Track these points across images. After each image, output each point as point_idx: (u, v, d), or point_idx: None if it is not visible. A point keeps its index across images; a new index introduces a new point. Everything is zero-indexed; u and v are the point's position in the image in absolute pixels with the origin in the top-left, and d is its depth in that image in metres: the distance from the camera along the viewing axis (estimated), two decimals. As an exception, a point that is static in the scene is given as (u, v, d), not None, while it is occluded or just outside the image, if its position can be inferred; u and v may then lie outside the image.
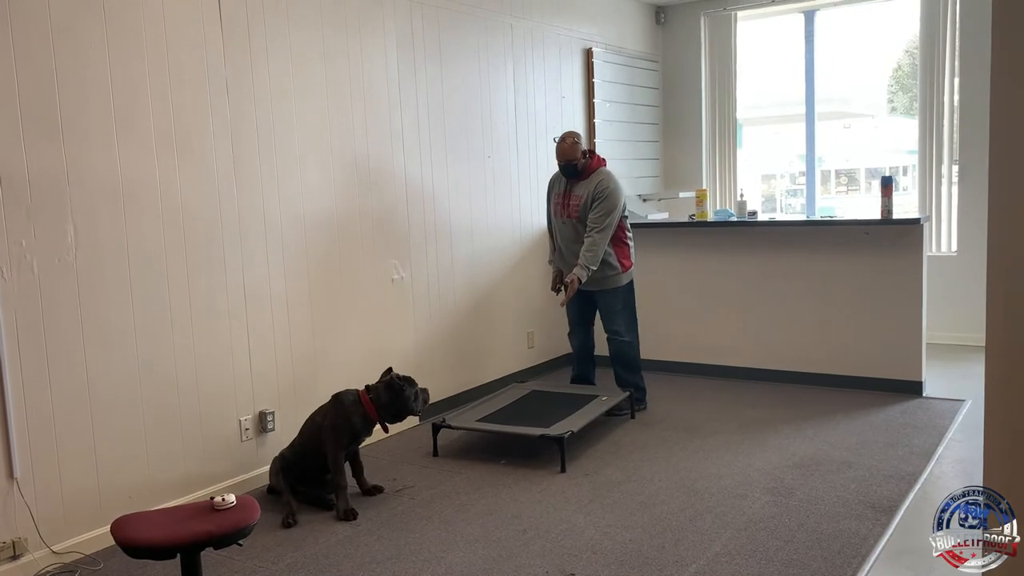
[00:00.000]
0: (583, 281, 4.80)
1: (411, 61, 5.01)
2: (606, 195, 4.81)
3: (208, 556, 2.81)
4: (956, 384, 5.43)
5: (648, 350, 5.75)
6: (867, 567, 3.10)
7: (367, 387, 3.96)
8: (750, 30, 7.81)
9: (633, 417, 5.04)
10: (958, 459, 4.19)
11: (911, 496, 3.73)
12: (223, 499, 2.68)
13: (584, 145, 4.95)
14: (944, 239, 6.74)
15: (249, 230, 4.10)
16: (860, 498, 3.72)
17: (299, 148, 4.33)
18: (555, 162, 5.01)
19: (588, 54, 6.65)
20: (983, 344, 2.18)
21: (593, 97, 6.67)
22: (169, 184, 3.74)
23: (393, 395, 3.91)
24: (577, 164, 4.87)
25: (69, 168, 3.36)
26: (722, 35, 7.67)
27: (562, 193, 4.99)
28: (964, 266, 6.40)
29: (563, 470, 4.19)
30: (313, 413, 3.99)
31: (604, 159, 5.05)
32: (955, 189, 6.65)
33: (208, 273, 3.92)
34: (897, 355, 5.33)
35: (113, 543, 2.62)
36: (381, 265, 4.85)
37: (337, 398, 3.92)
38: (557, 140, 4.93)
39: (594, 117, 6.68)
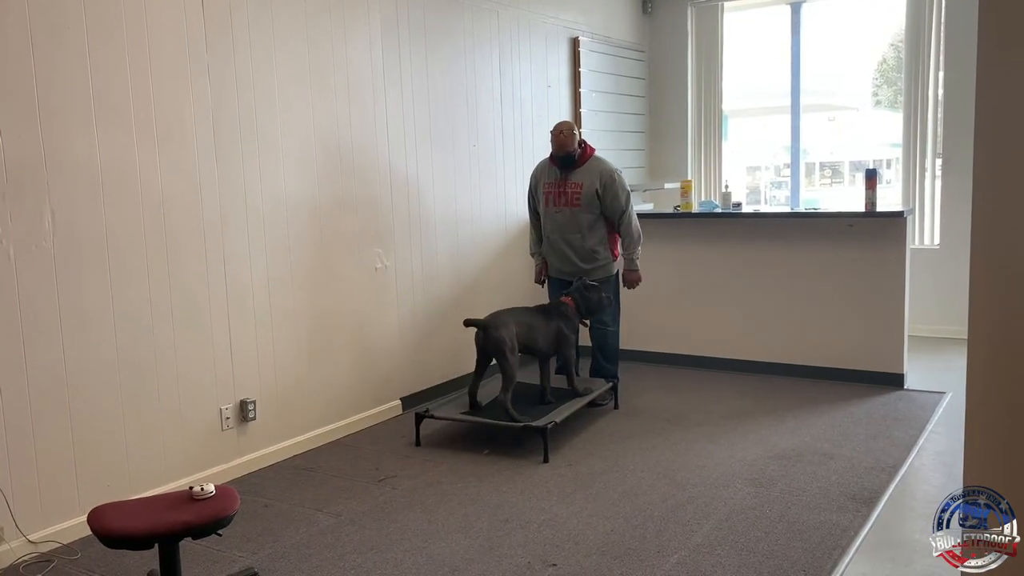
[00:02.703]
0: (638, 269, 5.02)
1: (396, 47, 4.97)
2: (614, 180, 4.91)
3: (187, 546, 2.79)
4: (937, 377, 5.47)
5: (631, 340, 5.77)
6: (847, 558, 3.12)
7: (566, 294, 4.83)
8: (736, 21, 7.81)
9: (616, 407, 5.04)
10: (938, 451, 4.22)
11: (892, 488, 3.75)
12: (202, 489, 2.66)
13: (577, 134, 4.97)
14: (927, 232, 6.78)
15: (231, 217, 4.05)
16: (841, 489, 3.73)
17: (282, 135, 4.29)
18: (539, 151, 5.00)
19: (575, 43, 6.62)
20: (965, 337, 2.18)
21: (579, 87, 6.65)
22: (149, 170, 3.69)
23: (586, 297, 4.81)
24: (574, 155, 4.89)
25: (47, 153, 3.31)
26: (709, 26, 7.66)
27: (555, 182, 4.98)
28: (947, 259, 6.43)
29: (546, 460, 4.18)
30: (543, 309, 4.76)
31: (593, 148, 5.06)
32: (938, 182, 6.69)
33: (189, 261, 3.88)
34: (879, 347, 5.36)
35: (91, 532, 2.58)
36: (365, 253, 4.82)
37: (564, 309, 4.76)
38: (553, 132, 4.92)
39: (580, 107, 6.66)
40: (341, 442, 4.61)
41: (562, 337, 4.71)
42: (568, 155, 4.88)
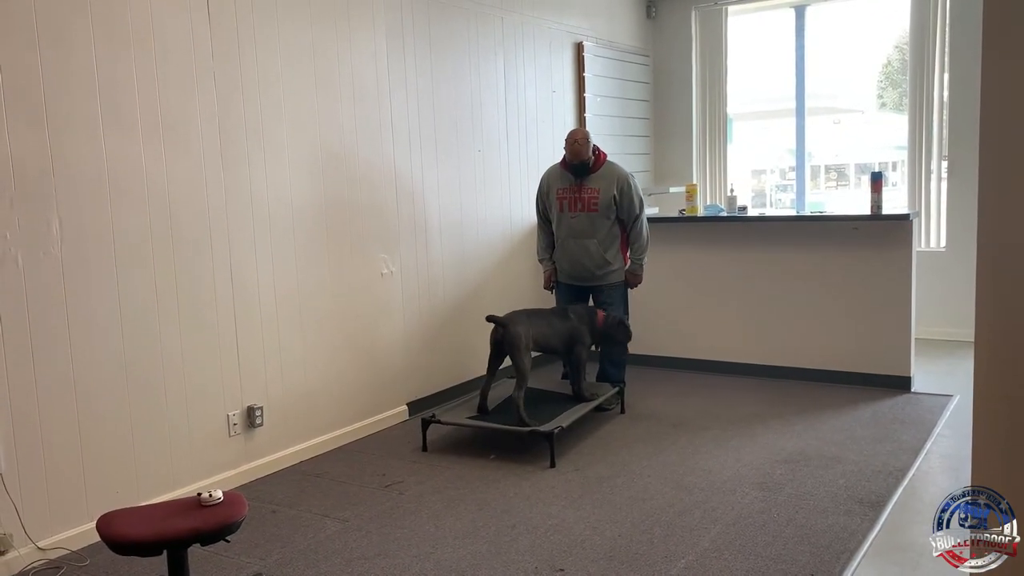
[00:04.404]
0: (641, 272, 5.10)
1: (400, 53, 4.98)
2: (630, 185, 4.97)
3: (195, 552, 2.79)
4: (944, 379, 5.46)
5: (637, 345, 5.75)
6: (855, 562, 3.11)
7: (602, 313, 4.89)
8: (741, 25, 7.81)
9: (623, 412, 5.04)
10: (946, 454, 4.21)
11: (899, 491, 3.74)
12: (210, 495, 2.66)
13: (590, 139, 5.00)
14: (933, 235, 6.76)
15: (237, 223, 4.07)
16: (848, 493, 3.73)
17: (287, 140, 4.30)
18: (544, 156, 5.02)
19: (579, 48, 6.63)
20: (971, 339, 2.18)
21: (584, 91, 6.65)
22: (156, 175, 3.70)
23: (613, 330, 4.90)
24: (589, 162, 4.93)
25: (54, 158, 3.33)
26: (713, 30, 7.67)
27: (570, 187, 5.00)
28: (953, 262, 6.42)
29: (552, 465, 4.18)
30: (563, 310, 4.86)
31: (605, 153, 5.08)
32: (944, 185, 6.68)
33: (195, 266, 3.89)
34: (886, 350, 5.35)
35: (99, 539, 2.59)
36: (370, 259, 4.83)
37: (591, 310, 4.90)
38: (567, 140, 4.95)
39: (584, 111, 6.66)
40: (348, 448, 4.62)
41: (577, 336, 4.76)
42: (583, 163, 4.91)
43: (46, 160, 3.31)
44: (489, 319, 4.61)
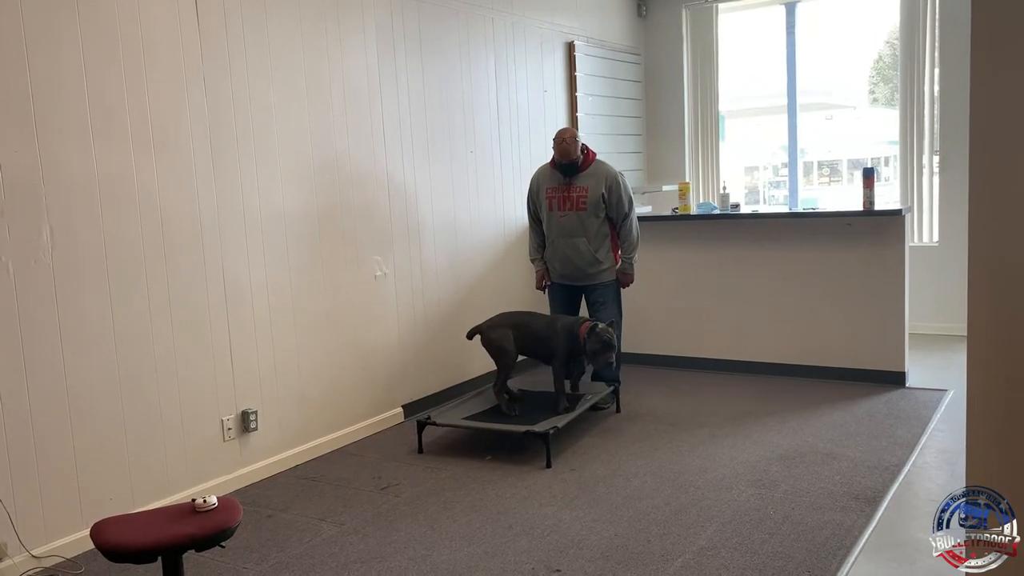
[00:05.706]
0: (633, 271, 5.08)
1: (391, 55, 4.97)
2: (619, 184, 4.97)
3: (191, 558, 2.78)
4: (938, 374, 5.46)
5: (632, 344, 5.77)
6: (852, 558, 3.11)
7: (585, 325, 4.62)
8: (731, 22, 7.82)
9: (618, 411, 5.04)
10: (941, 449, 4.21)
11: (895, 487, 3.74)
12: (204, 500, 2.65)
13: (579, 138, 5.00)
14: (926, 230, 6.77)
15: (229, 227, 4.06)
16: (844, 489, 3.73)
17: (278, 144, 4.29)
18: (536, 156, 5.02)
19: (570, 47, 6.63)
20: (965, 334, 2.19)
21: (575, 91, 6.65)
22: (147, 182, 3.69)
23: (589, 340, 4.57)
24: (577, 161, 4.92)
25: (44, 167, 3.31)
26: (704, 28, 7.67)
27: (559, 187, 4.99)
28: (946, 256, 6.42)
29: (548, 465, 4.18)
30: (551, 319, 4.83)
31: (595, 152, 5.08)
32: (936, 179, 6.69)
33: (188, 272, 3.88)
34: (880, 346, 5.35)
35: (94, 547, 2.57)
36: (364, 262, 4.82)
37: (575, 323, 4.70)
38: (555, 140, 4.94)
39: (577, 111, 6.66)
40: (343, 451, 4.61)
41: (550, 348, 4.69)
42: (572, 162, 4.91)
43: (36, 169, 3.29)
44: (469, 335, 4.80)
